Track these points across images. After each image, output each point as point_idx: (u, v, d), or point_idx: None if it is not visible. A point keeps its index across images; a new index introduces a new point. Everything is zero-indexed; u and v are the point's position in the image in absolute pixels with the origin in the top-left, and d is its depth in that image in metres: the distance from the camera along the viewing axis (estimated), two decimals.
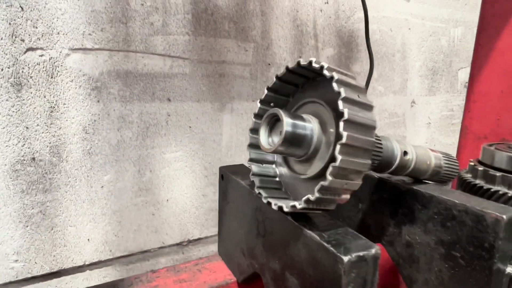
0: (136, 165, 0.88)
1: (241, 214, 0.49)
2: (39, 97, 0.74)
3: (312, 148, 0.36)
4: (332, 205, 0.34)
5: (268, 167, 0.44)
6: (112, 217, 0.87)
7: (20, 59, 0.70)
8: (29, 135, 0.74)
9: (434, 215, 0.46)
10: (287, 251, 0.38)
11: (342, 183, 0.31)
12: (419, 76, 1.36)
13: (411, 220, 0.49)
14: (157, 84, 0.86)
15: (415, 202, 0.48)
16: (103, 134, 0.82)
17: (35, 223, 0.79)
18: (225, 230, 0.56)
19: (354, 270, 0.30)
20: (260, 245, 0.44)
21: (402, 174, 0.47)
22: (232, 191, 0.52)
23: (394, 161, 0.44)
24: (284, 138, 0.34)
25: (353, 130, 0.30)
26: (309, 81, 0.41)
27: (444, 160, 0.50)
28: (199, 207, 1.00)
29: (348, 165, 0.30)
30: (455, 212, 0.44)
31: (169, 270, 0.54)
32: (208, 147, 0.97)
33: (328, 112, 0.36)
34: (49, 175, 0.78)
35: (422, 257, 0.48)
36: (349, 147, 0.30)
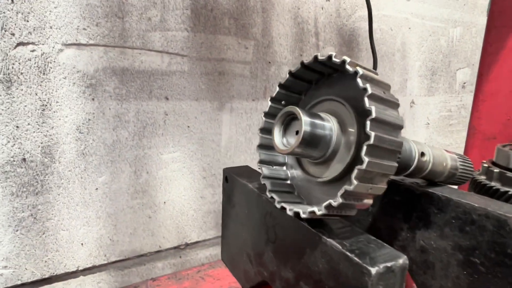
0: (132, 166, 0.84)
1: (248, 218, 0.46)
2: (30, 95, 0.70)
3: (330, 149, 0.33)
4: (354, 211, 0.32)
5: (278, 169, 0.41)
6: (107, 220, 0.84)
7: (10, 54, 0.66)
8: (20, 135, 0.70)
9: (451, 219, 0.44)
10: (302, 259, 0.35)
11: (367, 187, 0.29)
12: (419, 76, 1.34)
13: (426, 224, 0.47)
14: (155, 82, 0.83)
15: (430, 206, 0.46)
16: (98, 133, 0.78)
17: (26, 227, 0.75)
18: (230, 235, 0.53)
19: (381, 282, 0.28)
20: (270, 252, 0.41)
21: (418, 176, 0.45)
22: (238, 194, 0.49)
23: (412, 163, 0.41)
24: (302, 139, 0.31)
25: (381, 130, 0.28)
26: (323, 77, 0.38)
27: (460, 161, 0.48)
28: (197, 210, 0.97)
29: (374, 168, 0.28)
30: (475, 217, 0.42)
31: (170, 278, 0.51)
32: (206, 148, 0.94)
33: (347, 110, 0.34)
34: (41, 176, 0.74)
35: (438, 263, 0.46)
36: (376, 149, 0.28)
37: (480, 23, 1.47)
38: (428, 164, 0.43)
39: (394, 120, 0.29)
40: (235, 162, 1.00)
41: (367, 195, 0.30)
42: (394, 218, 0.51)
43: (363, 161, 0.27)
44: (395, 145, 0.29)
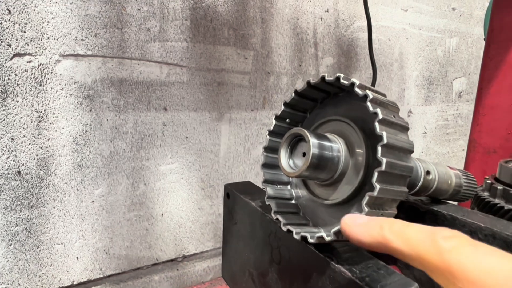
0: (130, 178, 0.83)
1: (251, 237, 0.45)
2: (26, 106, 0.68)
3: (338, 172, 0.32)
4: None
5: (283, 188, 0.40)
6: (103, 233, 0.82)
7: (6, 66, 0.65)
8: (15, 147, 0.69)
9: None
10: (308, 284, 0.34)
11: (378, 213, 0.28)
12: (416, 85, 1.35)
13: None
14: (153, 93, 0.82)
15: (435, 224, 0.46)
16: (95, 145, 0.77)
17: (20, 242, 0.73)
18: (231, 252, 0.52)
19: None
20: (275, 273, 0.40)
21: (423, 195, 0.44)
22: (240, 212, 0.48)
23: (418, 182, 0.41)
24: (310, 162, 0.30)
25: (392, 156, 0.27)
26: (329, 96, 0.38)
27: (464, 178, 0.48)
28: (195, 221, 0.96)
29: (385, 194, 0.27)
30: (481, 236, 0.41)
31: None
32: (205, 158, 0.93)
33: (354, 131, 0.33)
34: (36, 189, 0.72)
35: None
36: (387, 175, 0.27)
37: (476, 33, 1.48)
38: (434, 183, 0.43)
39: (404, 145, 0.28)
40: (233, 172, 0.99)
41: None
42: None
43: (375, 188, 0.26)
44: (406, 171, 0.28)
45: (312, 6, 1.02)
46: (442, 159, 1.55)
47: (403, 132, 0.29)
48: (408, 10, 1.25)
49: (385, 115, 0.28)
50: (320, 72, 1.09)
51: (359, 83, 0.30)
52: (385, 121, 0.28)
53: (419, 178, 0.41)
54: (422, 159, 0.46)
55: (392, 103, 0.31)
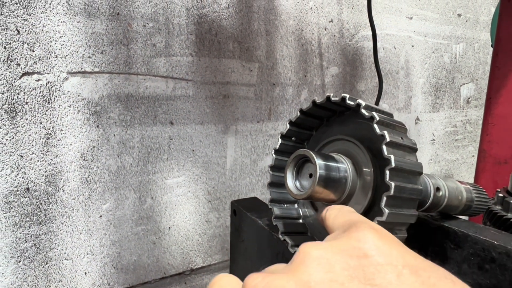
0: (137, 192, 0.83)
1: (259, 255, 0.45)
2: (35, 124, 0.69)
3: (346, 193, 0.32)
4: None
5: (290, 207, 0.40)
6: (111, 248, 0.82)
7: (15, 84, 0.66)
8: (24, 164, 0.70)
9: (469, 256, 0.42)
10: None
11: None
12: (423, 92, 1.34)
13: (443, 259, 0.45)
14: (159, 107, 0.82)
15: (446, 241, 0.45)
16: (102, 160, 0.77)
17: (29, 258, 0.73)
18: (239, 270, 0.51)
19: None
20: None
21: (433, 211, 0.43)
22: (247, 230, 0.47)
23: (428, 199, 0.40)
24: (317, 184, 0.30)
25: (400, 179, 0.27)
26: (335, 114, 0.37)
27: (475, 193, 0.47)
28: (202, 234, 0.95)
29: (394, 219, 0.27)
30: (495, 255, 0.40)
31: None
32: (211, 171, 0.93)
33: (361, 151, 0.33)
34: (44, 205, 0.73)
35: None
36: (396, 199, 0.26)
37: (483, 39, 1.47)
38: (444, 199, 0.42)
39: (413, 167, 0.28)
40: (240, 184, 0.99)
41: None
42: None
43: (383, 213, 0.26)
44: (416, 193, 0.28)
45: (316, 17, 1.02)
46: (451, 166, 1.53)
47: (411, 153, 0.29)
48: (413, 17, 1.24)
49: (392, 137, 0.27)
50: (325, 82, 1.08)
51: (365, 104, 0.30)
52: (393, 143, 0.27)
53: (429, 195, 0.40)
54: (431, 174, 0.45)
55: (399, 123, 0.31)
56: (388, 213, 0.26)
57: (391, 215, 0.26)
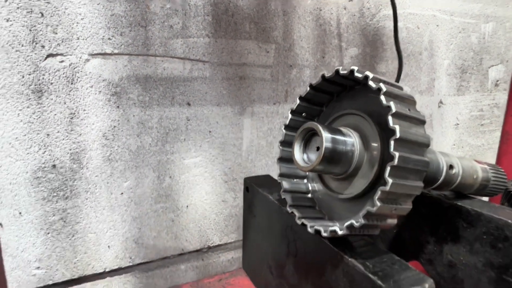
0: (156, 171, 0.86)
1: (269, 230, 0.46)
2: (60, 104, 0.73)
3: (353, 166, 0.32)
4: (376, 231, 0.31)
5: (299, 182, 0.41)
6: (132, 224, 0.86)
7: (41, 66, 0.69)
8: (50, 142, 0.74)
9: (482, 235, 0.42)
10: (323, 276, 0.34)
11: (391, 208, 0.28)
12: (447, 75, 1.29)
13: (454, 238, 0.45)
14: (177, 88, 0.84)
15: (459, 220, 0.44)
16: (122, 140, 0.80)
17: (56, 230, 0.78)
18: (251, 245, 0.53)
19: None
20: (291, 266, 0.41)
21: (447, 189, 0.43)
22: (258, 205, 0.49)
23: (439, 176, 0.40)
24: (323, 156, 0.30)
25: (405, 150, 0.27)
26: (345, 89, 0.37)
27: (492, 172, 0.45)
28: (219, 213, 0.98)
29: (398, 189, 0.27)
30: (508, 233, 0.39)
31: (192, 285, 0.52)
32: (228, 152, 0.94)
33: (370, 125, 0.33)
34: (70, 182, 0.77)
35: (468, 279, 0.44)
36: (400, 169, 0.27)
37: None
38: (457, 177, 0.41)
39: (419, 139, 0.28)
40: (256, 166, 1.00)
41: (391, 216, 0.29)
42: (420, 231, 0.49)
43: (387, 183, 0.26)
44: (421, 165, 0.28)
45: None
46: (476, 152, 1.48)
47: (418, 125, 0.29)
48: None
49: (398, 108, 0.27)
50: (344, 64, 1.06)
51: (373, 76, 0.30)
52: (399, 114, 0.27)
53: (441, 173, 0.40)
54: (445, 153, 0.44)
55: (408, 96, 0.31)
56: (392, 183, 0.26)
57: (394, 185, 0.26)
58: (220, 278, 0.55)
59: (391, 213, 0.28)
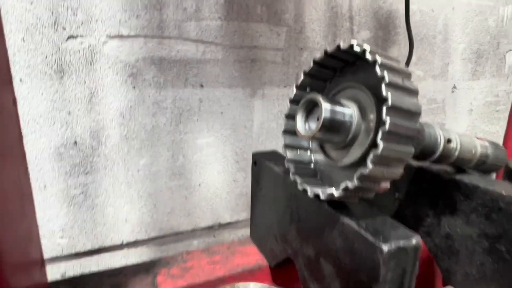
0: (170, 150, 0.90)
1: (274, 200, 0.49)
2: (80, 84, 0.77)
3: (350, 135, 0.35)
4: (371, 194, 0.33)
5: (303, 153, 0.43)
6: (147, 199, 0.91)
7: (62, 47, 0.73)
8: (71, 120, 0.78)
9: (478, 207, 0.44)
10: (322, 238, 0.37)
11: (383, 171, 0.30)
12: (462, 59, 1.27)
13: (452, 211, 0.47)
14: (190, 70, 0.87)
15: (457, 193, 0.46)
16: (139, 119, 0.84)
17: (78, 203, 0.84)
18: (258, 216, 0.56)
19: (393, 260, 0.29)
20: (294, 231, 0.44)
21: (445, 163, 0.45)
22: (265, 177, 0.52)
23: (437, 150, 0.41)
24: (322, 125, 0.33)
25: (397, 117, 0.29)
26: (348, 65, 0.39)
27: (491, 149, 0.47)
28: (230, 192, 1.01)
29: (390, 153, 0.29)
30: (502, 204, 0.41)
31: (203, 252, 0.56)
32: (239, 133, 0.97)
33: (368, 97, 0.35)
34: (90, 158, 0.82)
35: (463, 249, 0.46)
36: (392, 134, 0.29)
37: None
38: (455, 151, 0.43)
39: (411, 107, 0.30)
40: (266, 147, 1.03)
41: (384, 179, 0.31)
42: (420, 205, 0.51)
43: (378, 146, 0.28)
44: (412, 132, 0.30)
45: None
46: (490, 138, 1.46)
47: (411, 95, 0.31)
48: None
49: (392, 78, 0.29)
50: None
51: (371, 49, 0.32)
52: (392, 84, 0.29)
53: (439, 146, 0.42)
54: (446, 129, 0.46)
55: (404, 69, 0.32)
56: (383, 147, 0.28)
57: (385, 149, 0.29)
58: (229, 246, 0.59)
59: (383, 176, 0.30)
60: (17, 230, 0.30)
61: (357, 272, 0.32)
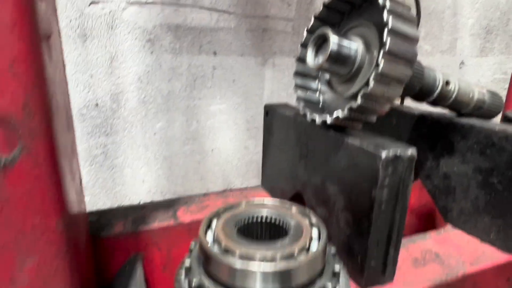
0: (185, 115, 0.95)
1: (285, 142, 0.53)
2: (101, 48, 0.81)
3: (355, 66, 0.38)
4: (373, 116, 0.37)
5: (312, 95, 0.47)
6: (163, 162, 0.96)
7: (85, 12, 0.78)
8: (93, 83, 0.83)
9: (473, 145, 0.47)
10: (328, 163, 0.42)
11: (383, 90, 0.34)
12: (471, 35, 1.28)
13: (449, 152, 0.50)
14: (204, 38, 0.91)
15: (455, 134, 0.50)
16: (155, 84, 0.89)
17: (99, 163, 0.89)
18: (269, 163, 0.61)
19: (390, 166, 0.33)
20: (303, 166, 0.48)
21: (443, 105, 0.48)
22: (276, 124, 0.56)
23: (436, 89, 0.45)
24: (329, 55, 0.37)
25: (396, 39, 0.33)
26: (354, 8, 0.43)
27: (488, 95, 0.50)
28: (241, 159, 1.06)
29: (390, 71, 0.33)
30: (495, 139, 0.45)
31: (218, 195, 0.61)
32: (250, 101, 1.01)
33: (373, 34, 0.38)
34: (110, 120, 0.87)
35: (459, 186, 0.50)
36: (391, 55, 0.33)
37: None
38: (453, 93, 0.47)
39: (409, 33, 0.33)
40: None
41: (384, 99, 0.35)
42: (421, 150, 0.55)
43: (379, 64, 0.32)
44: (410, 54, 0.34)
45: None
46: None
47: (410, 23, 0.34)
48: None
49: (392, 7, 0.33)
50: None
51: None
52: (392, 11, 0.33)
53: (437, 86, 0.45)
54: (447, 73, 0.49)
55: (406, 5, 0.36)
56: (384, 64, 0.32)
57: (386, 67, 0.32)
58: (242, 191, 0.63)
59: (383, 95, 0.34)
60: (75, 178, 0.36)
61: (359, 185, 0.36)
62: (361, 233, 0.37)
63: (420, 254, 0.45)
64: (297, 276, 0.29)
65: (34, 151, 0.27)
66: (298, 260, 0.29)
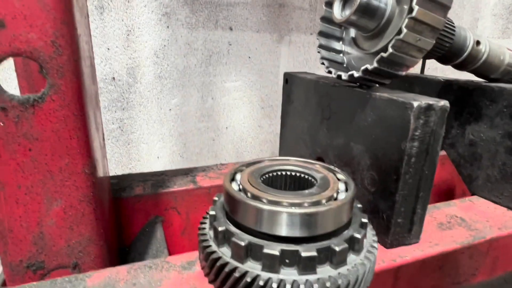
0: (200, 91, 0.94)
1: (306, 107, 0.52)
2: (118, 20, 0.81)
3: (385, 19, 0.37)
4: (401, 70, 0.36)
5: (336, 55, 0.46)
6: (178, 138, 0.96)
7: None
8: (110, 56, 0.83)
9: (503, 109, 0.46)
10: (353, 121, 0.41)
11: (416, 38, 0.33)
12: (493, 15, 1.24)
13: (476, 118, 0.49)
14: (220, 13, 0.90)
15: (482, 99, 0.48)
16: (171, 59, 0.89)
17: (115, 138, 0.90)
18: (287, 131, 0.60)
19: (422, 116, 0.32)
20: (325, 129, 0.47)
21: (471, 67, 0.47)
22: (296, 89, 0.55)
23: (466, 49, 0.43)
24: (357, 7, 0.35)
25: None
26: None
27: None
28: (255, 137, 1.06)
29: (424, 17, 0.32)
30: None
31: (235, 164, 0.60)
32: (265, 79, 1.00)
33: None
34: (126, 94, 0.87)
35: (486, 153, 0.48)
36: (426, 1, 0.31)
37: None
38: (483, 54, 0.45)
39: None
40: None
41: (415, 48, 0.34)
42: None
43: (413, 9, 0.31)
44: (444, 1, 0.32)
45: None
46: None
47: None
48: None
49: None
50: None
51: None
52: None
53: (467, 46, 0.43)
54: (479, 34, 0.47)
55: None
56: (418, 9, 0.31)
57: (420, 12, 0.31)
58: None
59: (415, 44, 0.33)
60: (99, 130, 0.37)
61: (387, 139, 0.35)
62: (388, 190, 0.36)
63: (445, 219, 0.44)
64: (324, 222, 0.28)
65: (62, 90, 0.27)
66: (326, 206, 0.28)
